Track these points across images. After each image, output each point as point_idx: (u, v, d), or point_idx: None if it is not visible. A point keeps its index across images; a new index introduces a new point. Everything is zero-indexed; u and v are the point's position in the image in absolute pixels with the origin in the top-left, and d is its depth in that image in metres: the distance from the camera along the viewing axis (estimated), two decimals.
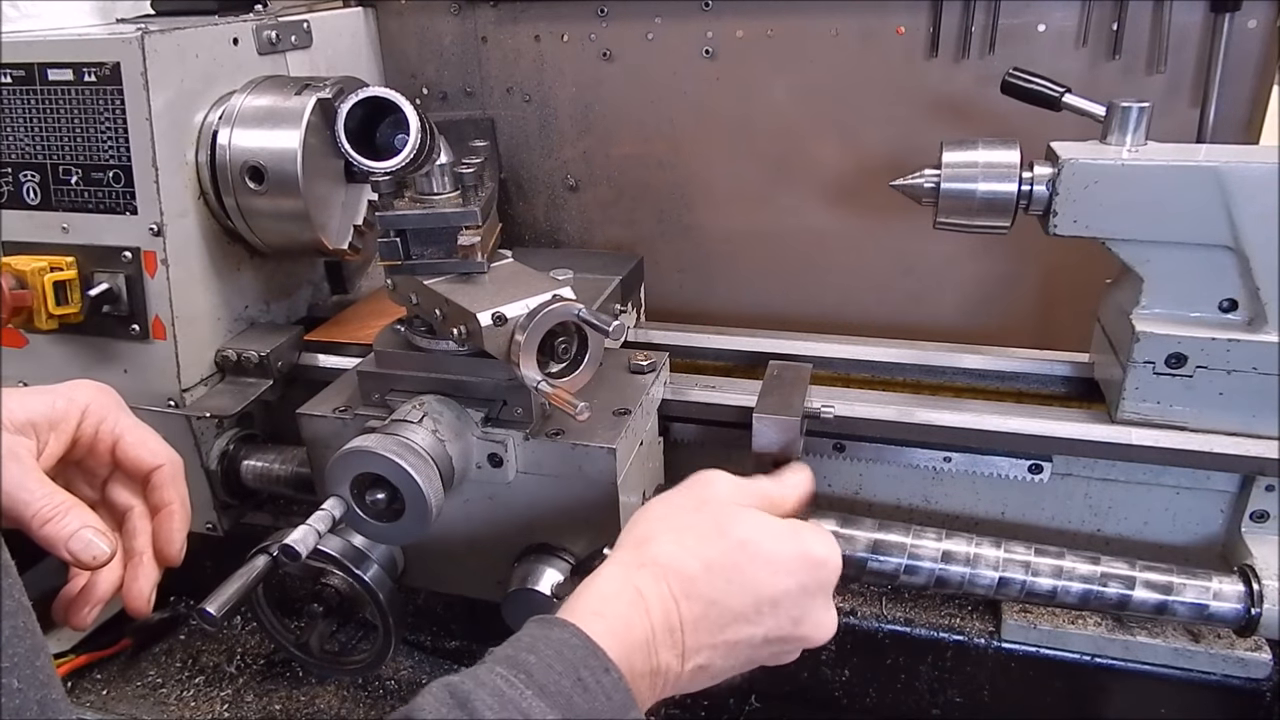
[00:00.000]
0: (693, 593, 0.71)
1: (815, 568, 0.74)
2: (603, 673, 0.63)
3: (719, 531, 0.74)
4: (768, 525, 0.75)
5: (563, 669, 0.62)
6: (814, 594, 0.74)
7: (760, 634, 0.73)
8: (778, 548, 0.74)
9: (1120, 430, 1.03)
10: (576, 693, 0.61)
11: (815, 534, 0.77)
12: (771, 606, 0.72)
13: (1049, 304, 1.47)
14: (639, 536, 0.75)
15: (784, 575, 0.73)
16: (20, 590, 0.53)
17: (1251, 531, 1.04)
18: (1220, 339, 0.97)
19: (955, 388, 1.21)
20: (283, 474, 1.22)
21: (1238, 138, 1.29)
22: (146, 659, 1.41)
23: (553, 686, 0.60)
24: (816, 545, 0.75)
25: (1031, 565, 0.97)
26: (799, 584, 0.73)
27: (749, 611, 0.72)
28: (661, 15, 1.44)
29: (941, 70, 1.36)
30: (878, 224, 1.40)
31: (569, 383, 0.89)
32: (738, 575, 0.72)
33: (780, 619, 0.73)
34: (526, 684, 0.60)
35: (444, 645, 1.38)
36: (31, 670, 0.51)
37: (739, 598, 0.72)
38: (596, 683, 0.62)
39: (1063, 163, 0.96)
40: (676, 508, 0.78)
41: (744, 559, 0.73)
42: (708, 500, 0.78)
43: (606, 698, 0.62)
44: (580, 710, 0.60)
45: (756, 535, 0.74)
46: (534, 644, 0.63)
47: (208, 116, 1.15)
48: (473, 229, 0.94)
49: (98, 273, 1.13)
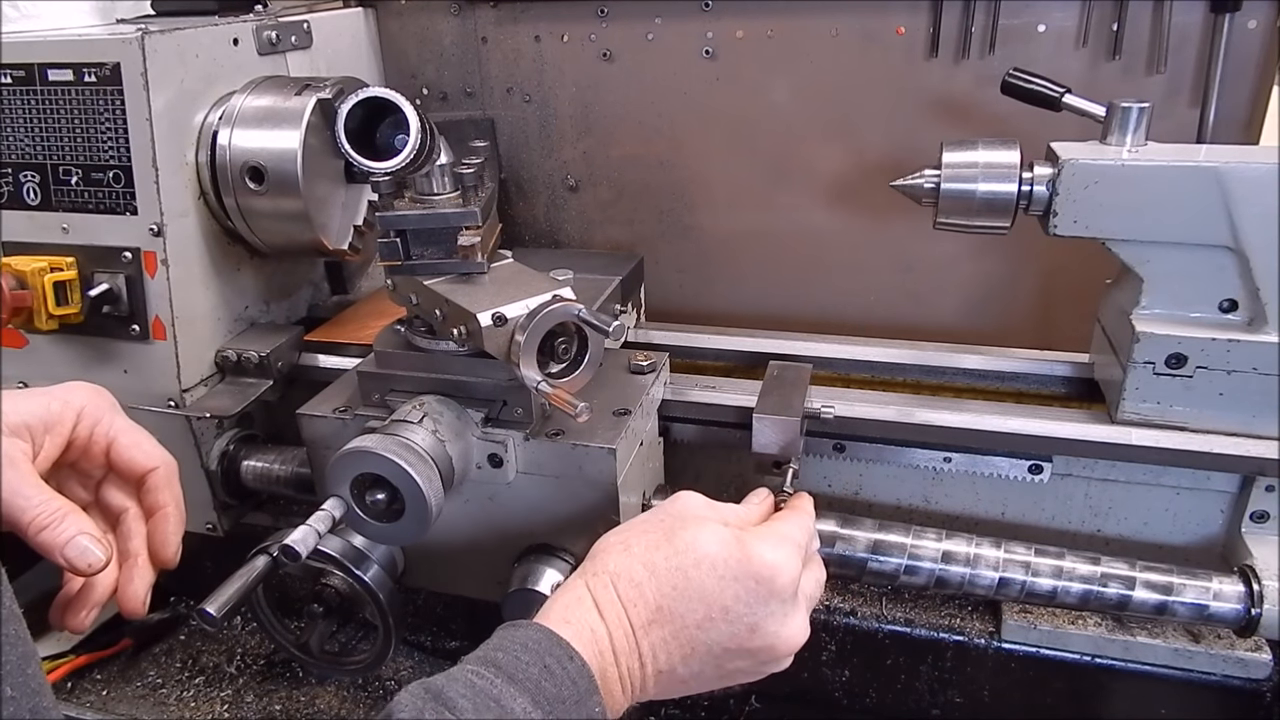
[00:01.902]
0: (640, 599, 0.72)
1: (763, 574, 0.74)
2: (567, 660, 0.66)
3: (666, 539, 0.75)
4: (713, 532, 0.75)
5: (529, 659, 0.65)
6: (765, 601, 0.74)
7: (718, 642, 0.73)
8: (719, 553, 0.74)
9: (1120, 430, 1.03)
10: (544, 678, 0.64)
11: (765, 542, 0.76)
12: (722, 614, 0.73)
13: (1049, 304, 1.47)
14: (596, 549, 0.78)
15: (729, 581, 0.73)
16: (11, 598, 0.54)
17: (1251, 532, 1.04)
18: (1220, 339, 0.97)
19: (955, 388, 1.21)
20: (283, 474, 1.22)
21: (1238, 138, 1.29)
22: (146, 659, 1.41)
23: (520, 674, 0.64)
24: (764, 552, 0.75)
25: (1031, 565, 0.97)
26: (746, 591, 0.73)
27: (701, 619, 0.72)
28: (661, 15, 1.44)
29: (941, 70, 1.36)
30: (878, 224, 1.40)
31: (569, 383, 0.89)
32: (683, 581, 0.73)
33: (735, 627, 0.73)
34: (496, 674, 0.63)
35: (444, 645, 1.38)
36: (24, 678, 0.51)
37: (687, 604, 0.72)
38: (562, 669, 0.65)
39: (1063, 163, 0.96)
40: (637, 521, 0.80)
41: (688, 564, 0.73)
42: (667, 513, 0.79)
43: (572, 683, 0.65)
44: (548, 693, 0.63)
45: (699, 541, 0.74)
46: (501, 643, 0.67)
47: (208, 117, 1.15)
48: (473, 229, 0.94)
49: (98, 273, 1.13)
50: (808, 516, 0.85)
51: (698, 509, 0.80)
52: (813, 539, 0.84)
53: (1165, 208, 0.95)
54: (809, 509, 0.87)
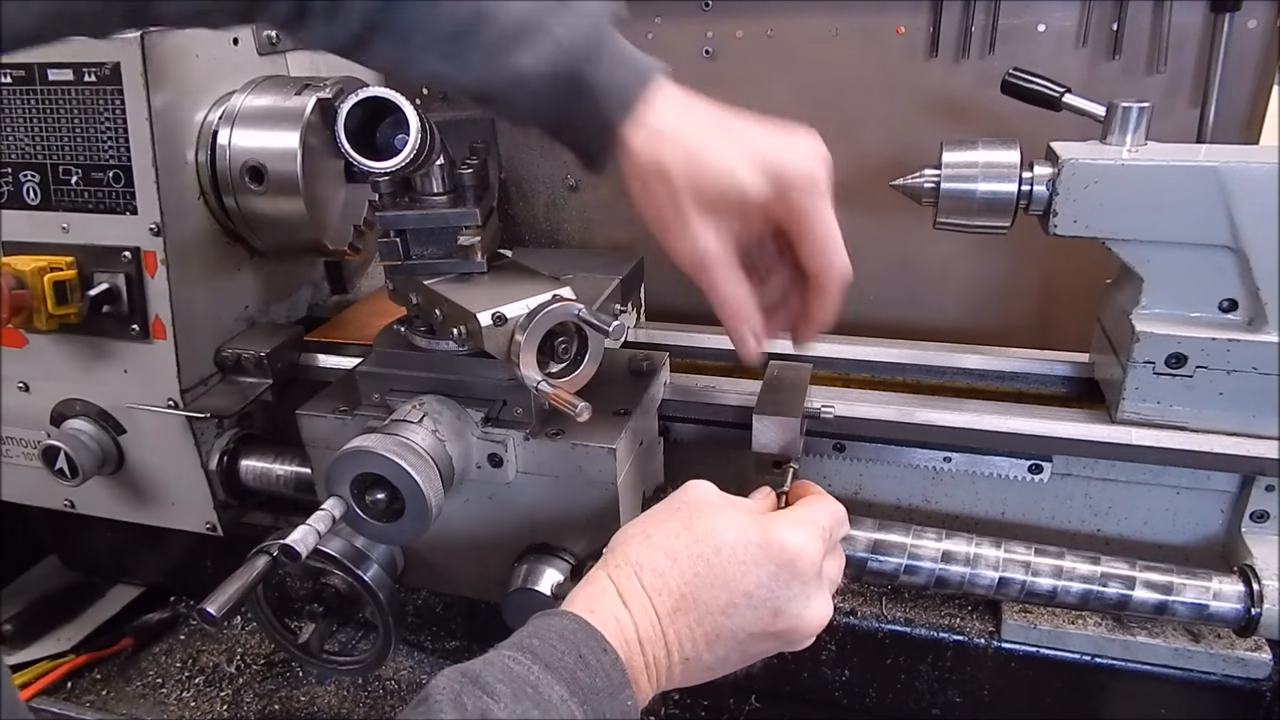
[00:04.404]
0: (664, 588, 0.72)
1: (783, 557, 0.74)
2: (601, 652, 0.66)
3: (685, 527, 0.75)
4: (731, 518, 0.76)
5: (565, 648, 0.65)
6: (788, 584, 0.74)
7: (743, 628, 0.73)
8: (738, 538, 0.74)
9: (1120, 430, 1.03)
10: (579, 668, 0.64)
11: (785, 524, 0.76)
12: (745, 599, 0.73)
13: (1049, 304, 1.46)
14: (617, 541, 0.78)
15: (750, 566, 0.73)
16: None
17: (1251, 531, 1.04)
18: (1220, 339, 0.97)
19: (955, 388, 1.21)
20: (283, 474, 1.22)
21: (1238, 138, 1.29)
22: (146, 659, 1.41)
23: (556, 662, 0.64)
24: (785, 535, 0.75)
25: (1031, 565, 0.97)
26: (768, 574, 0.73)
27: (724, 605, 0.72)
28: (661, 15, 1.44)
29: (941, 70, 1.36)
30: (878, 224, 1.39)
31: (569, 383, 0.89)
32: (705, 568, 0.73)
33: (759, 611, 0.73)
34: (533, 661, 0.64)
35: (444, 645, 1.39)
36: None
37: (710, 591, 0.72)
38: (596, 660, 0.65)
39: (1063, 163, 0.96)
40: (654, 511, 0.80)
41: (709, 551, 0.73)
42: (683, 502, 0.79)
43: (605, 675, 0.65)
44: (583, 683, 0.64)
45: (718, 527, 0.74)
46: (537, 630, 0.67)
47: (208, 116, 1.15)
48: (472, 229, 0.94)
49: (98, 273, 1.13)
50: (830, 502, 0.84)
51: (711, 497, 0.80)
52: (841, 525, 0.83)
53: (1165, 207, 0.95)
54: (830, 497, 0.86)
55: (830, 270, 0.84)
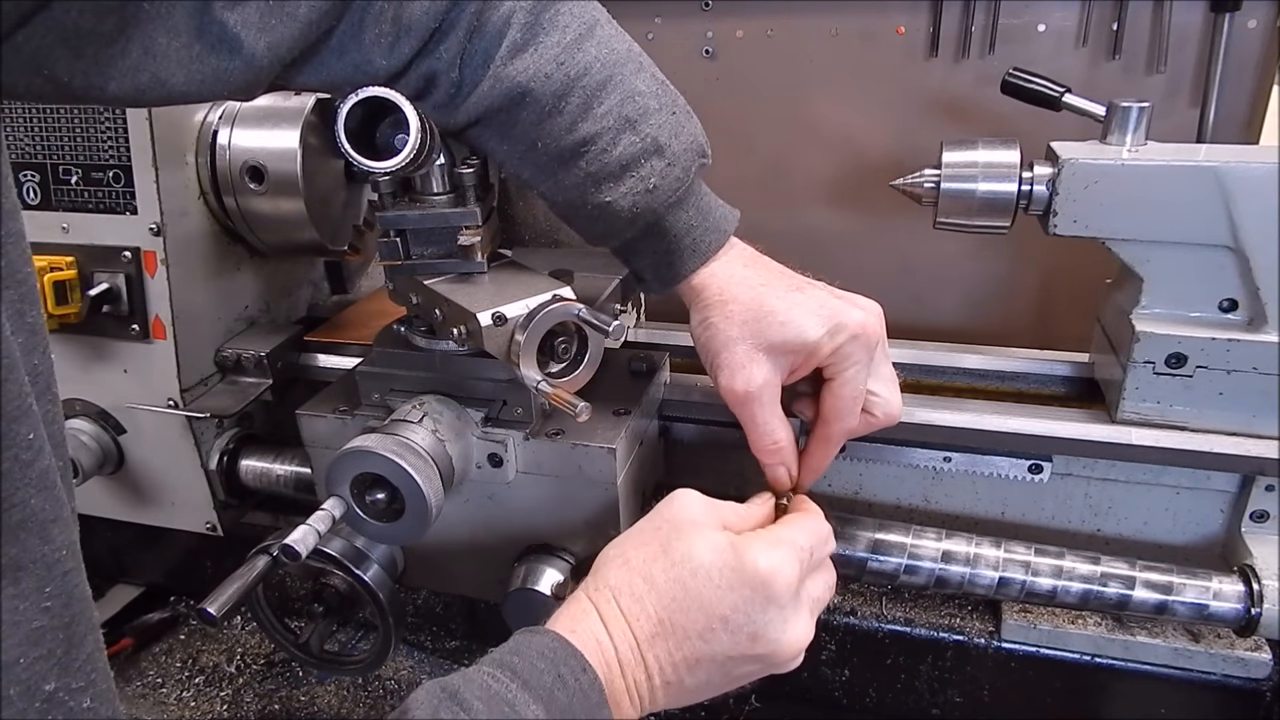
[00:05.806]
0: (641, 613, 0.72)
1: (756, 580, 0.72)
2: (580, 672, 0.67)
3: (662, 550, 0.75)
4: (708, 540, 0.74)
5: (544, 666, 0.66)
6: (764, 608, 0.72)
7: (721, 652, 0.72)
8: (714, 561, 0.73)
9: (1120, 430, 1.03)
10: (557, 688, 0.65)
11: (760, 547, 0.74)
12: (722, 624, 0.72)
13: (1049, 304, 1.47)
14: (599, 561, 0.78)
15: (725, 590, 0.72)
16: None
17: (1251, 531, 1.04)
18: (1220, 339, 0.97)
19: (955, 388, 1.21)
20: (283, 474, 1.22)
21: (1238, 138, 1.30)
22: (146, 659, 1.41)
23: (535, 681, 0.64)
24: (759, 558, 0.73)
25: (1031, 565, 0.97)
26: (743, 599, 0.72)
27: (701, 629, 0.72)
28: (661, 15, 1.44)
29: (941, 70, 1.36)
30: (878, 224, 1.40)
31: (569, 383, 0.89)
32: (681, 593, 0.72)
33: (736, 636, 0.72)
34: (512, 679, 0.64)
35: (444, 645, 1.38)
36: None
37: (688, 615, 0.72)
38: (575, 680, 0.66)
39: (1063, 163, 0.96)
40: (635, 531, 0.79)
41: (685, 575, 0.73)
42: (664, 520, 0.78)
43: (584, 695, 0.66)
44: (560, 704, 0.64)
45: (694, 550, 0.74)
46: (518, 648, 0.68)
47: (208, 116, 1.15)
48: (472, 229, 0.94)
49: (98, 273, 1.13)
50: (813, 520, 0.83)
51: (694, 513, 0.78)
52: (824, 543, 0.81)
53: (1165, 207, 0.95)
54: (817, 513, 0.85)
55: (840, 414, 0.88)
